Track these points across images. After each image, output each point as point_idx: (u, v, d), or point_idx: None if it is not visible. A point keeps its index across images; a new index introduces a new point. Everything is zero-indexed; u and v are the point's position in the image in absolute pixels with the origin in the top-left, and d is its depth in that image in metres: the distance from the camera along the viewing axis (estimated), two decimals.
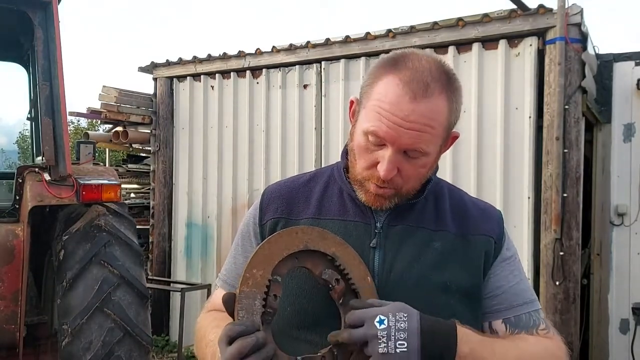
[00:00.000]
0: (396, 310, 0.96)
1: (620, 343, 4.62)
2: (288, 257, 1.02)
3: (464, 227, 1.16)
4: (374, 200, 1.11)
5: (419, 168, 1.09)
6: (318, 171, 1.29)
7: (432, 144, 1.06)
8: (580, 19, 3.94)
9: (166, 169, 6.11)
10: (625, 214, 4.65)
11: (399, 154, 1.05)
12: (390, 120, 1.02)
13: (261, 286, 0.98)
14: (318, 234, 1.06)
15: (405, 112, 1.01)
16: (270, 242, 1.02)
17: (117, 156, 9.59)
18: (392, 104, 1.02)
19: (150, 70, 6.15)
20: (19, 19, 3.31)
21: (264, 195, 1.24)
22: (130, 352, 2.99)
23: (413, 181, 1.11)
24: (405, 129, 1.02)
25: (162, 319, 5.99)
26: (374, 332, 0.93)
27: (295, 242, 1.03)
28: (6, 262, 3.11)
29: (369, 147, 1.07)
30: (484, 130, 4.30)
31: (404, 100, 1.01)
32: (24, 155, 17.95)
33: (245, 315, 0.95)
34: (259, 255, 1.00)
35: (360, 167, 1.11)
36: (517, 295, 1.15)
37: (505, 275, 1.16)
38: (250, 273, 0.98)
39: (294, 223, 1.17)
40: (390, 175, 1.05)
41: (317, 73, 5.15)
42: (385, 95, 1.04)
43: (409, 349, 0.93)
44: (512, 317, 1.14)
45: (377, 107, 1.04)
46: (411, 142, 1.03)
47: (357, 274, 1.06)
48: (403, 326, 0.94)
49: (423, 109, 1.01)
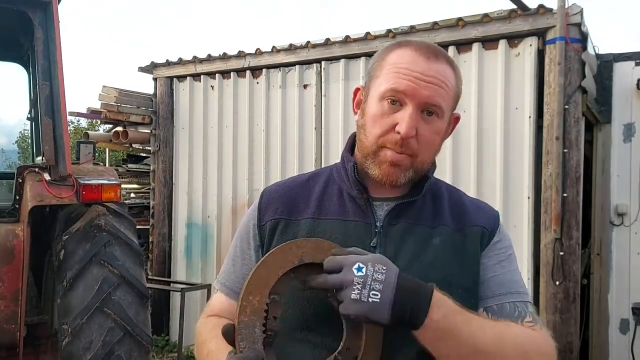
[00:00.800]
0: (376, 261, 0.96)
1: (620, 343, 4.62)
2: (284, 275, 1.01)
3: (461, 222, 1.16)
4: (388, 172, 1.11)
5: (434, 133, 1.11)
6: (317, 171, 1.29)
7: (447, 104, 1.11)
8: (580, 19, 3.94)
9: (166, 169, 6.11)
10: (625, 214, 4.65)
11: (418, 112, 1.08)
12: (409, 75, 1.08)
13: (259, 312, 0.96)
14: (313, 245, 1.04)
15: (422, 68, 1.08)
16: (266, 263, 1.01)
17: (117, 156, 9.59)
18: (409, 62, 1.09)
19: (150, 70, 6.15)
20: (19, 19, 3.31)
21: (263, 196, 1.24)
22: (130, 352, 2.99)
23: (427, 150, 1.12)
24: (425, 82, 1.07)
25: (162, 319, 5.99)
26: (350, 278, 0.93)
27: (290, 258, 1.01)
28: (6, 262, 3.11)
29: (386, 111, 1.10)
30: (484, 130, 4.30)
31: (419, 59, 1.09)
32: (24, 155, 17.95)
33: (246, 346, 0.93)
34: (255, 279, 0.98)
35: (374, 135, 1.11)
36: (502, 284, 1.13)
37: (492, 264, 1.14)
38: (247, 301, 0.96)
39: (294, 224, 1.16)
40: (411, 133, 1.07)
41: (317, 73, 5.15)
42: (400, 59, 1.11)
43: (381, 300, 0.93)
44: (494, 306, 1.10)
45: (395, 68, 1.10)
46: (430, 95, 1.08)
47: None
48: (380, 277, 0.94)
49: (438, 67, 1.09)
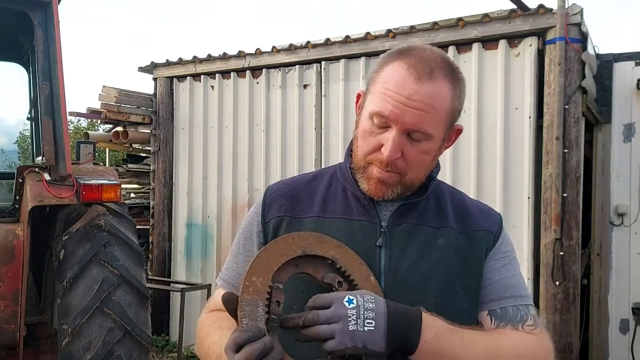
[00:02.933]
0: (363, 293, 0.98)
1: (620, 343, 4.62)
2: (287, 263, 1.02)
3: (465, 225, 1.16)
4: (376, 188, 1.10)
5: (423, 154, 1.09)
6: (320, 171, 1.29)
7: (436, 128, 1.07)
8: (580, 19, 3.94)
9: (166, 169, 6.11)
10: (625, 214, 4.65)
11: (403, 136, 1.06)
12: (394, 99, 1.04)
13: (262, 293, 0.97)
14: (315, 239, 1.05)
15: (409, 91, 1.03)
16: (267, 249, 1.02)
17: (117, 156, 9.59)
18: (397, 85, 1.05)
19: (150, 70, 6.15)
20: (19, 19, 3.31)
21: (267, 194, 1.24)
22: (130, 352, 2.99)
23: (416, 168, 1.10)
24: (410, 107, 1.03)
25: (162, 319, 5.99)
26: (344, 312, 0.94)
27: (292, 247, 1.03)
28: (6, 262, 3.11)
29: (374, 130, 1.08)
30: (484, 130, 4.30)
31: (408, 80, 1.04)
32: (24, 155, 17.94)
33: (249, 322, 0.94)
34: (257, 263, 0.99)
35: (363, 151, 1.11)
36: (506, 288, 1.14)
37: (497, 268, 1.15)
38: (249, 281, 0.97)
39: (298, 222, 1.16)
40: (395, 156, 1.05)
41: (317, 73, 5.15)
42: (391, 77, 1.07)
43: (376, 328, 0.94)
44: (497, 309, 1.12)
45: (383, 89, 1.07)
46: (414, 122, 1.04)
47: (359, 275, 1.05)
48: (371, 306, 0.95)
49: (427, 90, 1.04)
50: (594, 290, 4.76)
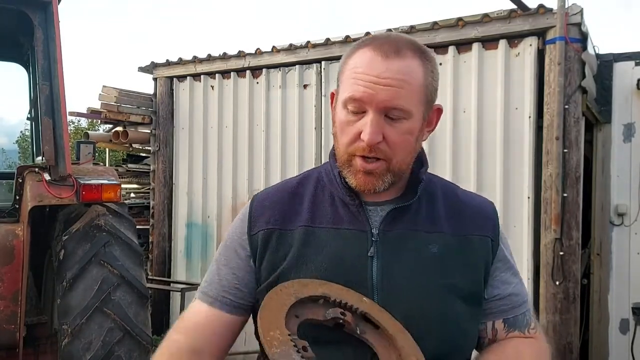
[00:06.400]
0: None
1: (620, 343, 4.62)
2: (289, 315, 0.99)
3: (460, 227, 1.14)
4: (364, 181, 1.07)
5: (405, 134, 1.06)
6: (305, 174, 1.25)
7: (413, 104, 1.04)
8: (580, 18, 3.94)
9: (166, 169, 6.11)
10: (625, 214, 4.65)
11: (381, 117, 1.03)
12: (365, 80, 1.02)
13: (287, 342, 0.92)
14: (299, 285, 1.04)
15: (379, 70, 1.02)
16: (264, 306, 0.99)
17: (117, 156, 9.59)
18: (365, 66, 1.03)
19: (150, 70, 6.15)
20: (19, 19, 3.31)
21: (253, 205, 1.20)
22: (130, 352, 2.99)
23: (401, 151, 1.06)
24: (382, 85, 1.01)
25: (162, 319, 5.98)
26: None
27: (285, 297, 1.00)
28: (6, 262, 3.11)
29: (350, 119, 1.06)
30: (484, 130, 4.29)
31: (376, 60, 1.03)
32: (24, 155, 17.94)
33: None
34: (265, 320, 0.96)
35: (343, 144, 1.08)
36: (518, 295, 1.17)
37: (508, 276, 1.16)
38: (269, 336, 0.93)
39: (289, 234, 1.13)
40: (376, 139, 1.02)
41: (317, 73, 5.14)
42: (358, 62, 1.05)
43: None
44: (511, 318, 1.16)
45: (352, 74, 1.05)
46: (389, 99, 1.02)
47: (354, 300, 1.04)
48: None
49: (397, 66, 1.02)
50: (594, 290, 4.76)
